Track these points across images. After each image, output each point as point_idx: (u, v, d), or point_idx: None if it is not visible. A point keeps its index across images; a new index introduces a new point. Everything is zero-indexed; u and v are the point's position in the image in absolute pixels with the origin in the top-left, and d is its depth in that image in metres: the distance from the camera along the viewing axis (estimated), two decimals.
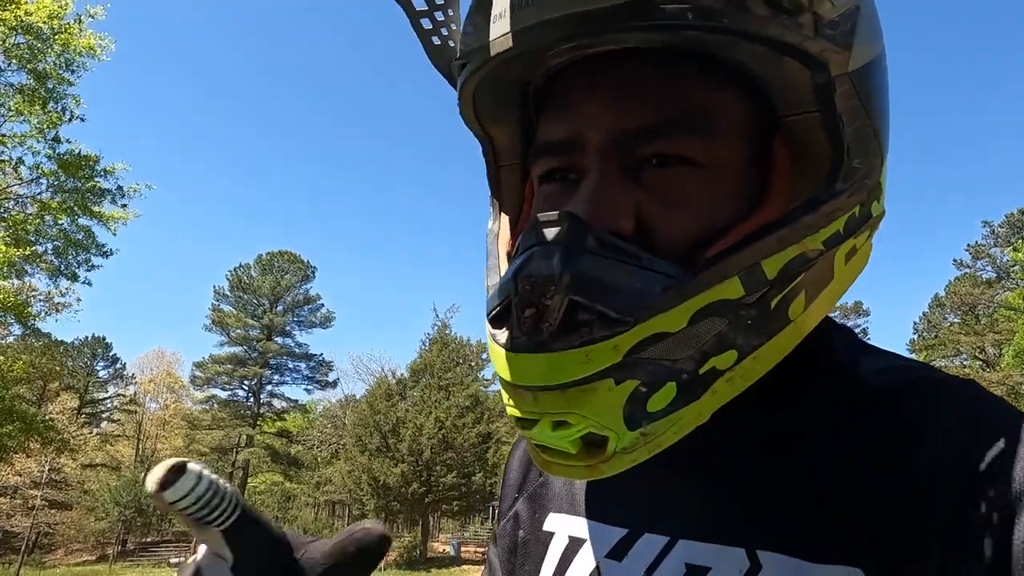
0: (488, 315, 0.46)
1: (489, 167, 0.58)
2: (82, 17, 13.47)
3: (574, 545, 0.56)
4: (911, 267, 73.52)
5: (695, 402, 0.42)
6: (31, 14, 12.69)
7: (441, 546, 33.98)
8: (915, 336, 38.16)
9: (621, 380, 0.40)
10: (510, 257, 0.51)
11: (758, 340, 0.43)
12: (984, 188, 67.61)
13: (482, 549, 30.91)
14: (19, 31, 12.79)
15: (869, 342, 0.55)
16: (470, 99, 0.51)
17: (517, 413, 0.43)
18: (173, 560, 32.66)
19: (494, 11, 0.44)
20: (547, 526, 0.61)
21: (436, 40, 0.54)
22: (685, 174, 0.44)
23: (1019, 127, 67.05)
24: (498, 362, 0.44)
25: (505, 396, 0.44)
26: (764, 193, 0.46)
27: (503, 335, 0.43)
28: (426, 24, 0.53)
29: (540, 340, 0.40)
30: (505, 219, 0.58)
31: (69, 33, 13.23)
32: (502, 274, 0.48)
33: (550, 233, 0.41)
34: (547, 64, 0.50)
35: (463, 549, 31.24)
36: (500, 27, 0.43)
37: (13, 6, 12.46)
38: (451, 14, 0.53)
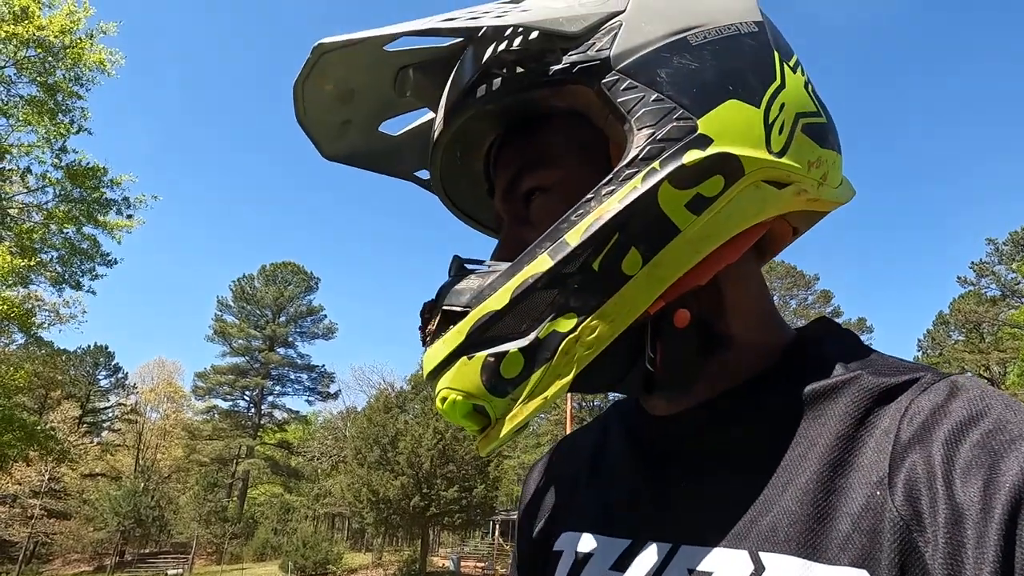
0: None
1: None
2: (94, 32, 13.66)
3: (580, 562, 0.58)
4: (915, 285, 73.46)
5: (549, 363, 0.49)
6: (43, 28, 12.88)
7: (441, 560, 33.74)
8: (919, 354, 38.01)
9: (471, 355, 0.49)
10: None
11: (595, 300, 0.49)
12: (988, 206, 67.66)
13: (482, 564, 30.66)
14: (31, 44, 12.96)
15: (873, 346, 0.57)
16: (457, 212, 0.70)
17: (436, 401, 0.53)
18: (171, 572, 32.45)
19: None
20: (557, 546, 0.63)
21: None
22: (547, 199, 0.57)
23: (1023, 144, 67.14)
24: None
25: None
26: None
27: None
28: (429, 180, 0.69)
29: (426, 343, 0.53)
30: None
31: (80, 48, 13.41)
32: None
33: (448, 274, 0.57)
34: (475, 167, 0.65)
35: (463, 564, 31.00)
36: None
37: (27, 21, 12.64)
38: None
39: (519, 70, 0.53)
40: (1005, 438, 0.41)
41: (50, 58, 13.30)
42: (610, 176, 0.50)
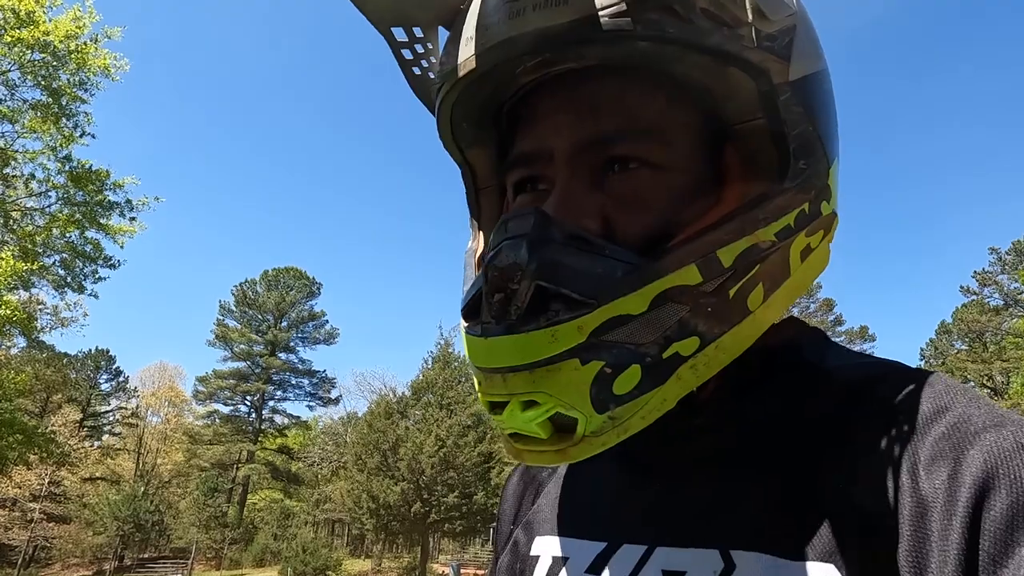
0: (462, 310, 0.49)
1: (468, 190, 0.62)
2: (98, 37, 13.72)
3: (556, 565, 0.57)
4: (918, 293, 73.30)
5: (660, 387, 0.44)
6: (49, 33, 12.94)
7: (441, 567, 33.58)
8: (922, 363, 37.86)
9: (586, 360, 0.41)
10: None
11: (719, 328, 0.45)
12: (991, 215, 67.60)
13: (482, 572, 30.52)
14: (36, 49, 13.01)
15: (845, 343, 0.59)
16: (447, 122, 0.56)
17: (488, 398, 0.45)
18: None
19: (463, 36, 0.49)
20: (534, 550, 0.61)
21: (416, 71, 0.57)
22: (643, 176, 0.48)
23: None
24: (471, 350, 0.46)
25: (477, 384, 0.47)
26: (719, 195, 0.49)
27: (474, 323, 0.46)
28: (407, 55, 0.56)
29: (509, 323, 0.42)
30: (483, 238, 0.60)
31: (85, 53, 13.46)
32: None
33: (518, 227, 0.44)
34: (516, 83, 0.53)
35: (463, 571, 30.86)
36: (467, 49, 0.48)
37: (33, 25, 12.70)
38: (430, 47, 0.56)
39: (705, 24, 0.44)
40: (969, 430, 0.41)
41: (55, 62, 13.34)
42: (765, 200, 0.47)
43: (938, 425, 0.42)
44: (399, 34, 0.55)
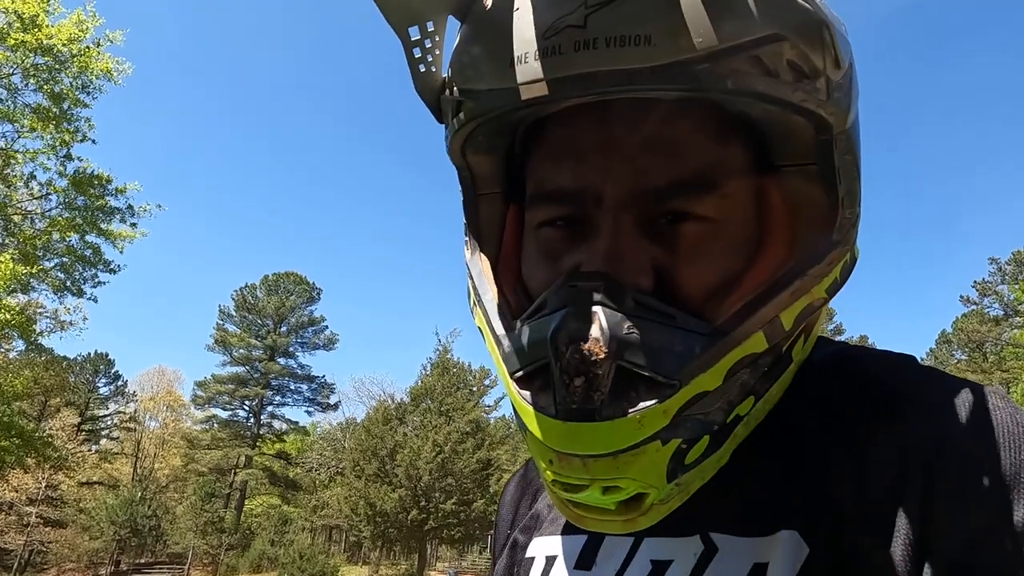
0: (513, 374, 0.45)
1: (466, 195, 0.57)
2: (101, 41, 13.77)
3: (548, 564, 0.58)
4: (918, 303, 73.27)
5: (721, 447, 0.44)
6: (52, 37, 12.98)
7: (438, 575, 33.42)
8: None
9: (667, 440, 0.41)
10: (502, 293, 0.53)
11: (770, 383, 0.45)
12: (991, 225, 67.64)
13: None
14: (39, 52, 13.05)
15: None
16: (461, 131, 0.51)
17: (564, 479, 0.43)
18: None
19: (516, 53, 0.43)
20: (529, 552, 0.63)
21: (422, 67, 0.53)
22: (699, 230, 0.45)
23: None
24: (543, 430, 0.42)
25: (544, 460, 0.43)
26: (763, 240, 0.47)
27: (545, 399, 0.42)
28: (416, 53, 0.52)
29: (591, 408, 0.40)
30: (483, 251, 0.57)
31: (87, 56, 13.50)
32: (510, 320, 0.49)
33: (583, 296, 0.41)
34: (555, 105, 0.48)
35: None
36: (528, 71, 0.42)
37: (36, 29, 12.74)
38: (437, 39, 0.52)
39: (787, 75, 0.41)
40: (944, 415, 0.43)
41: (57, 66, 13.38)
42: (820, 255, 0.45)
43: (920, 410, 0.43)
44: (414, 32, 0.51)
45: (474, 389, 28.88)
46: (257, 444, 41.90)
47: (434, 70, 0.53)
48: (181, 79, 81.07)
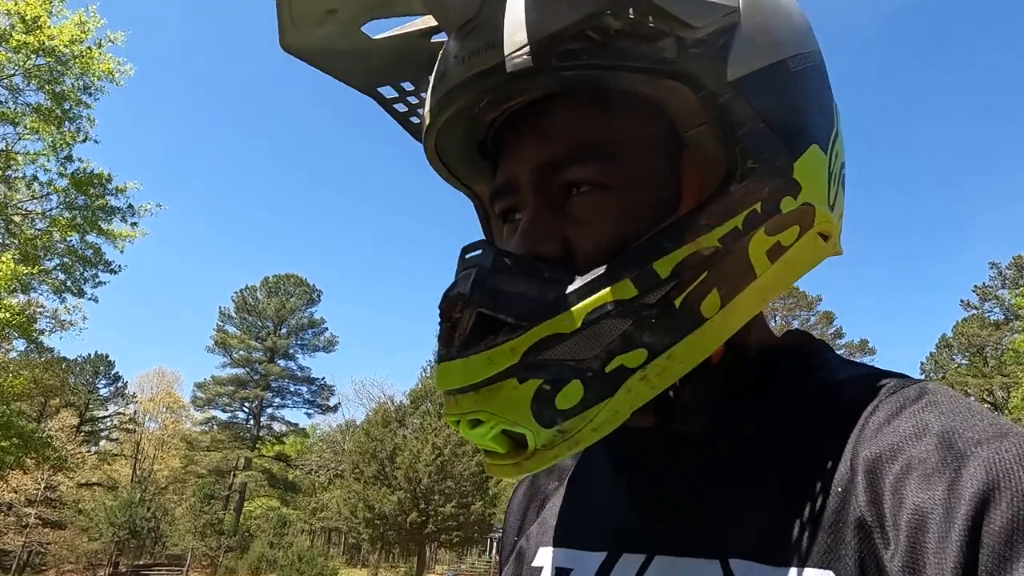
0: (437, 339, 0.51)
1: (480, 218, 0.64)
2: (102, 42, 13.79)
3: None
4: (918, 307, 73.26)
5: (610, 399, 0.45)
6: (54, 38, 13.00)
7: None
8: (922, 377, 37.46)
9: (524, 379, 0.44)
10: None
11: (669, 339, 0.45)
12: (992, 228, 67.68)
13: None
14: (40, 53, 13.07)
15: (845, 356, 0.57)
16: (441, 166, 0.59)
17: (448, 417, 0.48)
18: None
19: (429, 87, 0.53)
20: (536, 561, 0.62)
21: (415, 120, 0.61)
22: (595, 197, 0.49)
23: None
24: (435, 375, 0.49)
25: (445, 405, 0.49)
26: (677, 207, 0.50)
27: (437, 352, 0.50)
28: (401, 108, 0.59)
29: (455, 349, 0.46)
30: None
31: (89, 57, 13.53)
32: None
33: (471, 260, 0.48)
34: (484, 121, 0.55)
35: None
36: (427, 104, 0.54)
37: (38, 30, 12.76)
38: (424, 96, 0.58)
39: (625, 45, 0.45)
40: (969, 440, 0.40)
41: (59, 67, 13.40)
42: (710, 206, 0.47)
43: (939, 435, 0.42)
44: (387, 91, 0.59)
45: None
46: (256, 446, 41.89)
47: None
48: (181, 79, 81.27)
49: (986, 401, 32.58)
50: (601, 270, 0.45)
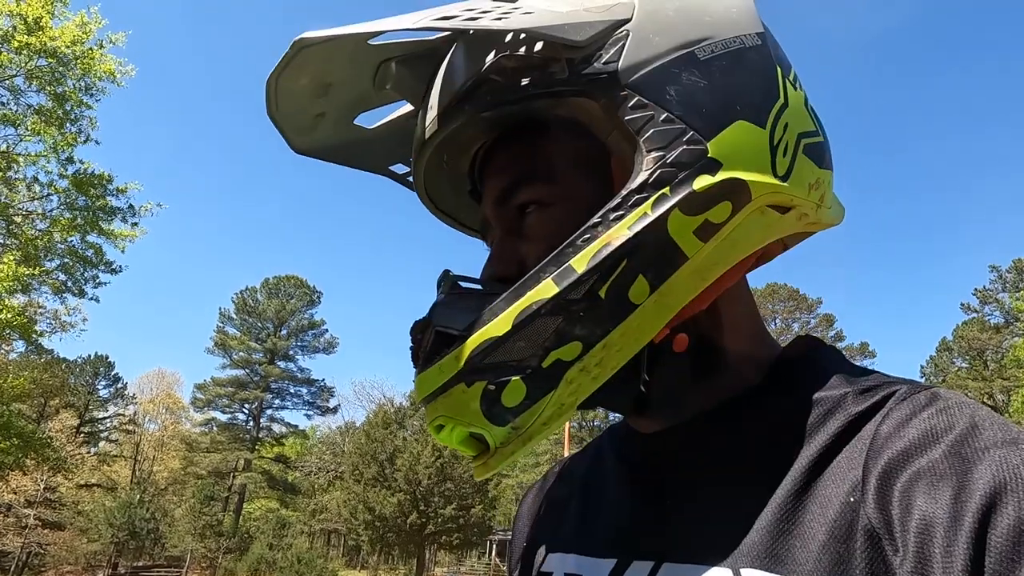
0: None
1: (488, 243, 0.66)
2: (104, 43, 13.81)
3: None
4: (918, 310, 73.24)
5: (552, 393, 0.48)
6: (55, 39, 13.02)
7: None
8: (922, 380, 37.47)
9: (471, 383, 0.48)
10: None
11: (601, 329, 0.48)
12: (992, 232, 67.67)
13: None
14: (42, 54, 13.09)
15: (855, 362, 0.57)
16: (444, 216, 0.69)
17: (427, 424, 0.53)
18: None
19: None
20: (545, 567, 0.62)
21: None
22: (543, 214, 0.54)
23: None
24: None
25: None
26: None
27: None
28: (412, 180, 0.67)
29: (419, 365, 0.52)
30: None
31: (90, 58, 13.54)
32: None
33: (439, 290, 0.54)
34: (460, 167, 0.63)
35: None
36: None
37: (40, 31, 12.78)
38: None
39: (522, 79, 0.51)
40: (977, 446, 0.41)
41: (60, 68, 13.42)
42: (618, 200, 0.49)
43: (946, 439, 0.42)
44: (399, 168, 0.69)
45: None
46: (256, 447, 41.86)
47: None
48: (182, 79, 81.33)
49: (986, 405, 32.39)
50: (528, 276, 0.49)
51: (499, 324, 0.48)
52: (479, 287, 0.54)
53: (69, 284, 15.54)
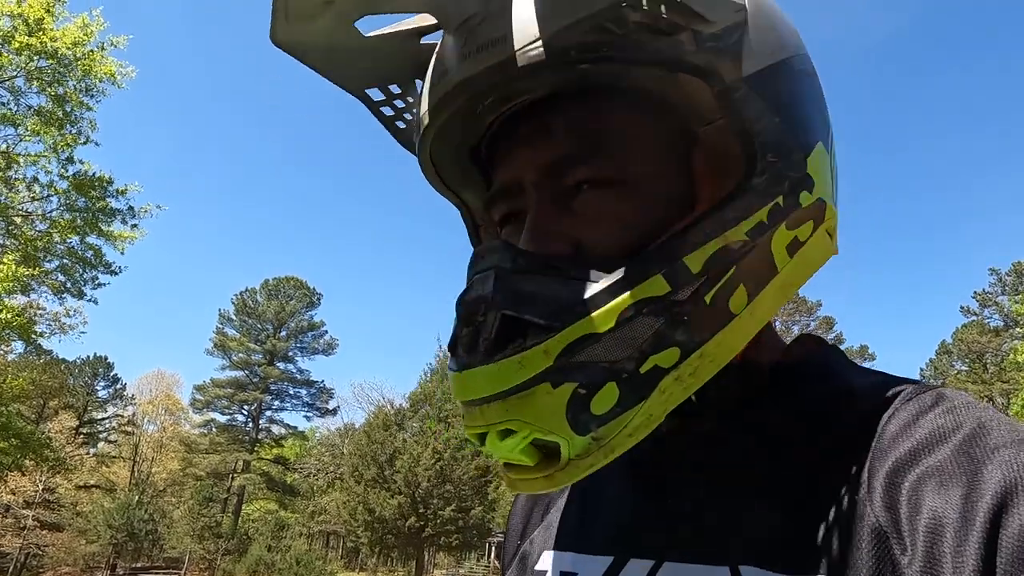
0: (448, 347, 0.49)
1: (469, 229, 0.63)
2: (105, 45, 13.81)
3: None
4: (918, 313, 73.24)
5: (644, 402, 0.43)
6: (56, 40, 13.03)
7: None
8: None
9: (558, 383, 0.41)
10: None
11: (700, 336, 0.44)
12: (992, 235, 67.68)
13: None
14: (43, 56, 13.10)
15: (857, 362, 0.57)
16: (431, 170, 0.58)
17: (471, 430, 0.45)
18: None
19: (426, 85, 0.52)
20: (540, 565, 0.61)
21: (401, 124, 0.60)
22: (608, 194, 0.48)
23: None
24: (452, 385, 0.47)
25: (463, 417, 0.47)
26: (692, 203, 0.49)
27: (454, 361, 0.46)
28: (387, 112, 0.58)
29: (479, 355, 0.43)
30: None
31: (91, 60, 13.55)
32: None
33: (486, 261, 0.46)
34: (484, 123, 0.54)
35: None
36: (423, 104, 0.51)
37: (41, 32, 12.79)
38: (411, 100, 0.58)
39: (642, 39, 0.44)
40: (987, 446, 0.40)
41: (61, 69, 13.43)
42: (733, 199, 0.46)
43: (955, 439, 0.42)
44: (375, 94, 0.58)
45: None
46: (255, 449, 41.80)
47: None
48: (183, 80, 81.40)
49: None
50: (631, 267, 0.43)
51: (602, 318, 0.42)
52: (547, 263, 0.46)
53: (68, 285, 15.53)
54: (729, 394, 0.52)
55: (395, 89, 0.58)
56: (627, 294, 0.43)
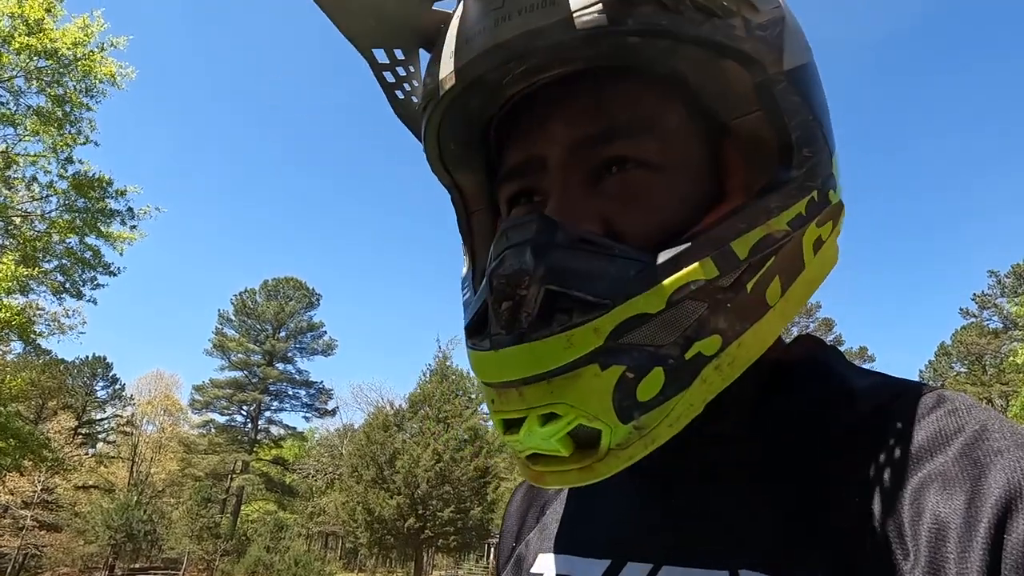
0: (466, 328, 0.47)
1: (459, 215, 0.60)
2: (105, 45, 13.81)
3: None
4: (917, 314, 73.24)
5: (686, 391, 0.42)
6: (56, 40, 13.03)
7: None
8: None
9: (606, 365, 0.39)
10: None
11: (741, 325, 0.43)
12: (992, 236, 67.68)
13: None
14: (43, 56, 13.10)
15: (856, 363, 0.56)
16: (435, 144, 0.54)
17: (503, 415, 0.42)
18: None
19: (445, 53, 0.48)
20: (535, 568, 0.60)
21: (400, 94, 0.57)
22: (642, 176, 0.46)
23: None
24: (479, 367, 0.44)
25: (489, 403, 0.44)
26: (722, 192, 0.48)
27: (484, 338, 0.44)
28: (389, 78, 0.55)
29: (521, 331, 0.40)
30: (478, 261, 0.59)
31: (91, 60, 13.54)
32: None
33: (520, 234, 0.43)
34: (504, 96, 0.51)
35: None
36: (449, 64, 0.47)
37: (41, 33, 12.79)
38: (412, 71, 0.55)
39: (695, 18, 0.43)
40: (990, 449, 0.39)
41: (61, 69, 13.42)
42: (772, 190, 0.45)
43: (958, 443, 0.41)
44: (380, 56, 0.54)
45: (472, 396, 28.81)
46: (254, 449, 41.74)
47: (414, 99, 0.56)
48: (183, 80, 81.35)
49: None
50: (683, 247, 0.42)
51: (652, 298, 0.40)
52: (590, 238, 0.43)
53: (67, 286, 15.51)
54: (745, 393, 0.50)
55: (399, 55, 0.55)
56: (680, 273, 0.41)
